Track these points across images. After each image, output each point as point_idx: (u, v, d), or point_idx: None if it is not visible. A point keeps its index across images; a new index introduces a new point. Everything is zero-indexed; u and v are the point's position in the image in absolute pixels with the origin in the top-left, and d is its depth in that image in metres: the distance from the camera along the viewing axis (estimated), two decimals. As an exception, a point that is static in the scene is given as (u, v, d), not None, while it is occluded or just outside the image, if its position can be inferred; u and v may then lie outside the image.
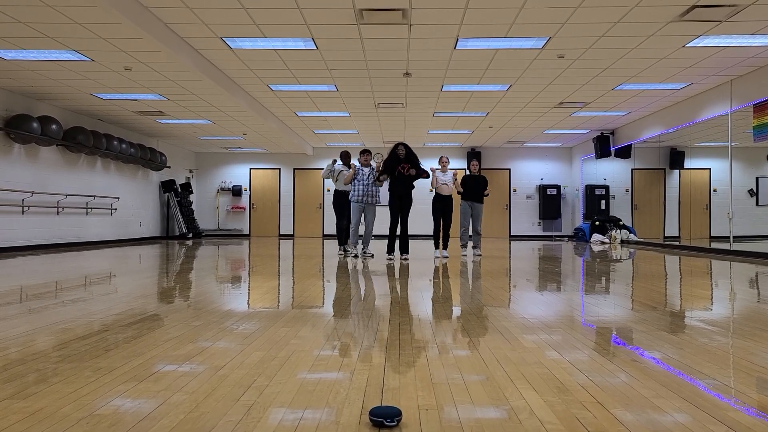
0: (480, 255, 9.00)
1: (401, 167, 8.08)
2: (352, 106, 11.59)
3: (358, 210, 8.46)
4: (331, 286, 5.14)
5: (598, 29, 6.97)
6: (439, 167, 8.80)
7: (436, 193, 8.74)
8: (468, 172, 9.27)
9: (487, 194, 9.24)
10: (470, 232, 9.18)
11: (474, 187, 9.06)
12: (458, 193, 8.92)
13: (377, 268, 6.76)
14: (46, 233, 11.15)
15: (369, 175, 8.46)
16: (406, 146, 8.19)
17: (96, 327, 3.06)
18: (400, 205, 8.23)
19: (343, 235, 8.96)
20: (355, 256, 8.55)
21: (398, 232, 8.31)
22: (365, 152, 8.58)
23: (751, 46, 7.62)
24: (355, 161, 8.73)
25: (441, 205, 8.74)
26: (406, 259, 8.05)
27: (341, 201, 9.00)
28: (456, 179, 8.79)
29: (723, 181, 11.01)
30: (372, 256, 8.49)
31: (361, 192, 8.40)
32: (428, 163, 18.37)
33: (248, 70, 8.89)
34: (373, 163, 8.65)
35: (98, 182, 12.94)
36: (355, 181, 8.46)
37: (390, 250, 8.23)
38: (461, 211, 9.15)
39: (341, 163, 9.07)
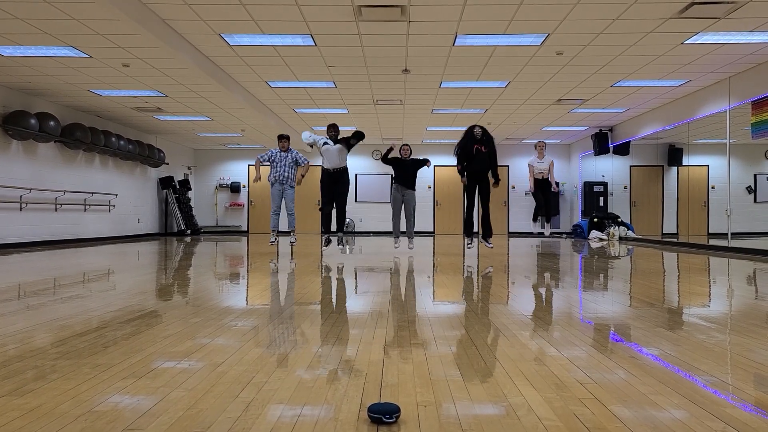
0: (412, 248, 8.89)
1: (478, 146, 7.81)
2: (350, 102, 11.57)
3: (277, 194, 8.78)
4: (329, 282, 5.14)
5: (596, 26, 6.96)
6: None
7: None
8: (400, 156, 8.66)
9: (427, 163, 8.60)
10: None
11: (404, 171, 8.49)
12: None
13: (377, 264, 6.76)
14: (45, 230, 11.13)
15: (288, 160, 8.86)
16: (482, 128, 7.93)
17: (94, 324, 3.06)
18: (478, 186, 7.89)
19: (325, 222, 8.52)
20: (272, 242, 8.79)
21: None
22: (283, 137, 8.95)
23: (749, 43, 7.61)
24: (318, 138, 8.38)
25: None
26: (491, 245, 8.02)
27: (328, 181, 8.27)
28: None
29: (721, 177, 11.02)
30: (294, 242, 8.96)
31: (278, 174, 8.76)
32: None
33: (246, 67, 8.87)
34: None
35: (96, 179, 12.92)
36: (272, 163, 8.79)
37: (468, 231, 8.04)
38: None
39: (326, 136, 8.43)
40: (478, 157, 7.85)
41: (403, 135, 16.09)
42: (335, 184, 8.17)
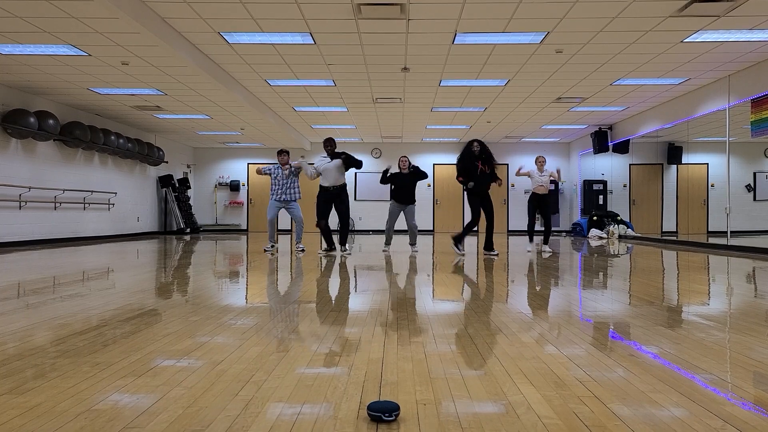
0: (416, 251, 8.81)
1: (481, 166, 7.99)
2: (350, 101, 11.56)
3: (275, 207, 8.70)
4: (328, 281, 5.14)
5: (596, 24, 6.96)
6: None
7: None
8: (398, 170, 8.86)
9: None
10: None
11: (404, 186, 8.65)
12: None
13: (376, 263, 6.77)
14: (44, 228, 11.13)
15: (290, 174, 8.65)
16: (480, 143, 8.07)
17: (94, 322, 3.06)
18: (482, 203, 8.09)
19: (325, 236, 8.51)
20: (267, 249, 8.74)
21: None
22: (282, 152, 8.72)
23: (749, 41, 7.61)
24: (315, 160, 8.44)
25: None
26: (495, 254, 8.09)
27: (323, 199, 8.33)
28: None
29: (721, 176, 11.03)
30: (303, 250, 8.62)
31: (279, 190, 8.64)
32: (425, 159, 18.31)
33: (246, 65, 8.86)
34: (293, 163, 8.67)
35: (96, 177, 12.91)
36: (273, 179, 8.68)
37: (461, 237, 8.28)
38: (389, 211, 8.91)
39: (325, 154, 8.36)
40: (481, 177, 8.05)
41: (402, 133, 16.10)
42: (333, 202, 8.23)
